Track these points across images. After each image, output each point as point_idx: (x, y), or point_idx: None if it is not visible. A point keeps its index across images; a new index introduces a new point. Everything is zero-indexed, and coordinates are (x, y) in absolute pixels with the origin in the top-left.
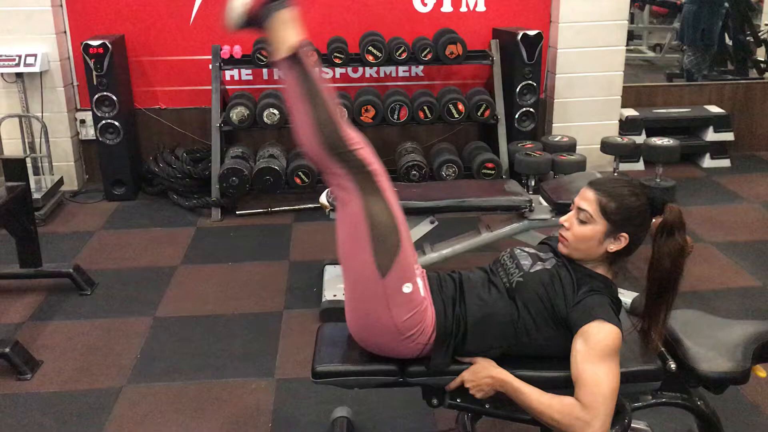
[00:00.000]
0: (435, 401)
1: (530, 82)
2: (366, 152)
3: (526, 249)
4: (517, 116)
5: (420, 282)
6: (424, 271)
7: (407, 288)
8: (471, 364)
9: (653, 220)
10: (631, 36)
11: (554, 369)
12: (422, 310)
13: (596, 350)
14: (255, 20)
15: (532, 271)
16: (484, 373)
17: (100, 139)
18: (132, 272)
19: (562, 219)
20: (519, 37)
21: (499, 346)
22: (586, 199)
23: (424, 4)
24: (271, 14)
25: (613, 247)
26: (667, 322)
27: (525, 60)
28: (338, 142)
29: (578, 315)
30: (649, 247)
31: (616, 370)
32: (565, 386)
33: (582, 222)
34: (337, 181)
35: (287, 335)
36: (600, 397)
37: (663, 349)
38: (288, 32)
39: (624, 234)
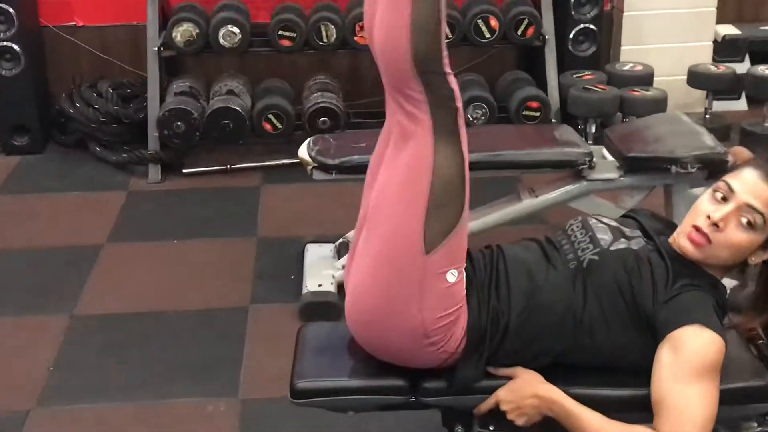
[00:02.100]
0: (459, 429)
1: None
2: (456, 82)
3: (605, 220)
4: (571, 36)
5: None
6: None
7: (452, 276)
8: (508, 378)
9: None
10: None
11: (622, 386)
12: (458, 311)
13: (689, 364)
14: None
15: (612, 248)
16: (527, 391)
17: None
18: (41, 253)
19: (716, 216)
20: None
21: (550, 350)
22: (762, 199)
23: None
24: None
25: (756, 258)
26: None
27: None
28: (435, 56)
29: (669, 315)
30: None
31: (714, 393)
32: (638, 410)
33: (748, 226)
34: (409, 108)
35: (255, 339)
36: (688, 427)
37: None
38: None
39: None
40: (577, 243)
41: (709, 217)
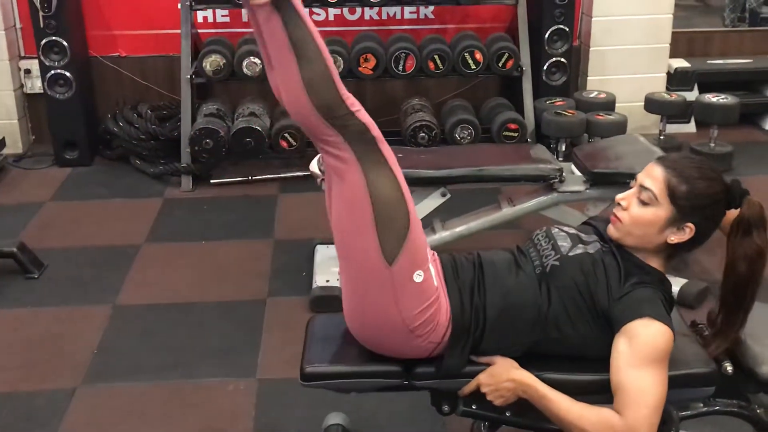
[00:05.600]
0: (446, 408)
1: (562, 26)
2: (366, 115)
3: (566, 228)
4: (545, 68)
5: (432, 269)
6: (436, 255)
7: (418, 276)
8: (488, 365)
9: (727, 214)
10: None
11: (588, 371)
12: (435, 303)
13: (642, 353)
14: None
15: (571, 254)
16: (504, 376)
17: (49, 92)
18: (87, 252)
19: (620, 196)
20: None
21: (524, 342)
22: (652, 177)
23: None
24: None
25: (675, 238)
26: (739, 334)
27: (555, 0)
28: (335, 103)
29: (622, 310)
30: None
31: (663, 377)
32: (601, 392)
33: (643, 203)
34: (333, 151)
35: (271, 328)
36: (643, 409)
37: None
38: None
39: (690, 224)
40: (542, 250)
41: (619, 203)
